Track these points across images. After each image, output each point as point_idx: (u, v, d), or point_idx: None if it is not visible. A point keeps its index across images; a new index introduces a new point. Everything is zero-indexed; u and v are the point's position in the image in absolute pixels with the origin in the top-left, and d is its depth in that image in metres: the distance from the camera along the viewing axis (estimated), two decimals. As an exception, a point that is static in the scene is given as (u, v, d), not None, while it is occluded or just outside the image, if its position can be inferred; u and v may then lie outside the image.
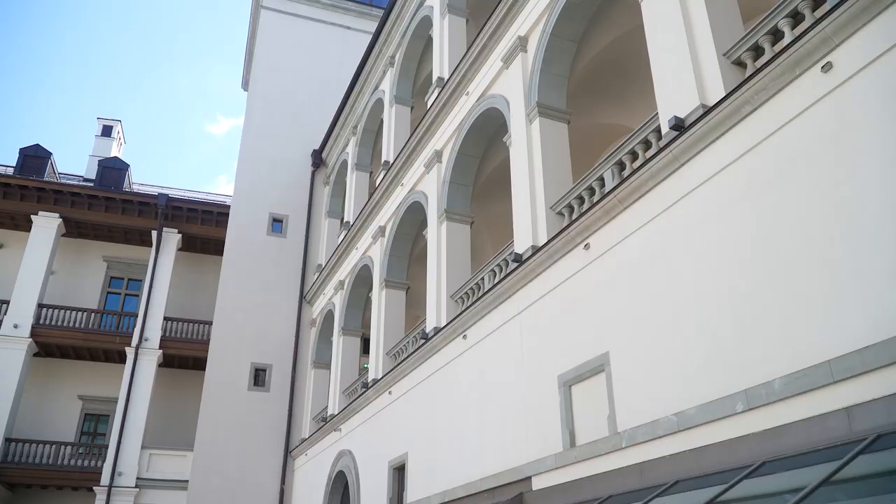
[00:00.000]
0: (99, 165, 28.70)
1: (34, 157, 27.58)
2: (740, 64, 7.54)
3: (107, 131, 33.32)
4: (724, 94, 7.24)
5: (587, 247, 9.03)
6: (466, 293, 12.94)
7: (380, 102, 20.47)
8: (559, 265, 9.61)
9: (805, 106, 6.21)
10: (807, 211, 6.01)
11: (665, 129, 8.04)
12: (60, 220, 25.65)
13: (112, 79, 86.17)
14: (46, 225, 25.41)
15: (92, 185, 27.85)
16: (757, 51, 7.37)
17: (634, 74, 13.17)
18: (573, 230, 9.23)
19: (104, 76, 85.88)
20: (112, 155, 32.72)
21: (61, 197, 25.88)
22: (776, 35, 7.17)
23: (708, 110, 7.23)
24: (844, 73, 5.90)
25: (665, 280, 7.57)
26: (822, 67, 6.08)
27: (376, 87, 20.81)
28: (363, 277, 19.47)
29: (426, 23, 17.73)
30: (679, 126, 7.66)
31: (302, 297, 24.31)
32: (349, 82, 23.07)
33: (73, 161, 72.98)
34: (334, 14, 28.62)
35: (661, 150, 7.82)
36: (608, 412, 8.09)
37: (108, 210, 26.34)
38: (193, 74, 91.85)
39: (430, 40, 17.67)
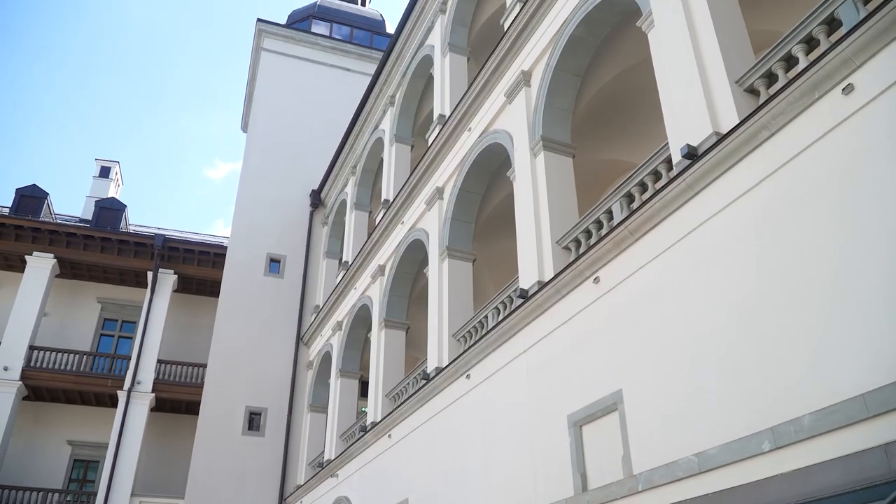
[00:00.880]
0: (96, 206, 28.55)
1: (30, 198, 27.40)
2: (753, 91, 7.37)
3: (105, 172, 33.25)
4: (737, 122, 7.05)
5: (597, 280, 8.73)
6: (469, 332, 12.59)
7: (380, 141, 20.40)
8: (567, 300, 9.30)
9: (826, 130, 6.00)
10: (832, 235, 5.74)
11: (677, 158, 7.83)
12: (55, 260, 25.34)
13: (111, 121, 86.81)
14: (41, 265, 25.07)
15: (88, 225, 27.61)
16: (770, 78, 7.20)
17: (638, 110, 13.08)
18: (582, 263, 8.95)
19: (103, 118, 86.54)
20: (109, 196, 32.57)
21: (56, 237, 25.62)
22: (789, 61, 7.02)
23: (722, 137, 7.03)
24: (867, 95, 5.70)
25: (680, 313, 7.26)
26: (843, 90, 5.89)
27: (376, 127, 20.77)
28: (362, 318, 19.11)
29: (427, 62, 17.75)
30: (692, 154, 7.45)
31: (299, 338, 23.87)
32: (349, 122, 23.07)
33: (71, 202, 73.10)
34: (334, 56, 28.83)
35: (673, 179, 7.60)
36: (622, 453, 7.69)
37: (104, 250, 26.07)
38: (192, 119, 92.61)
39: (430, 79, 17.67)
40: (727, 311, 6.67)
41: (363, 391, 20.23)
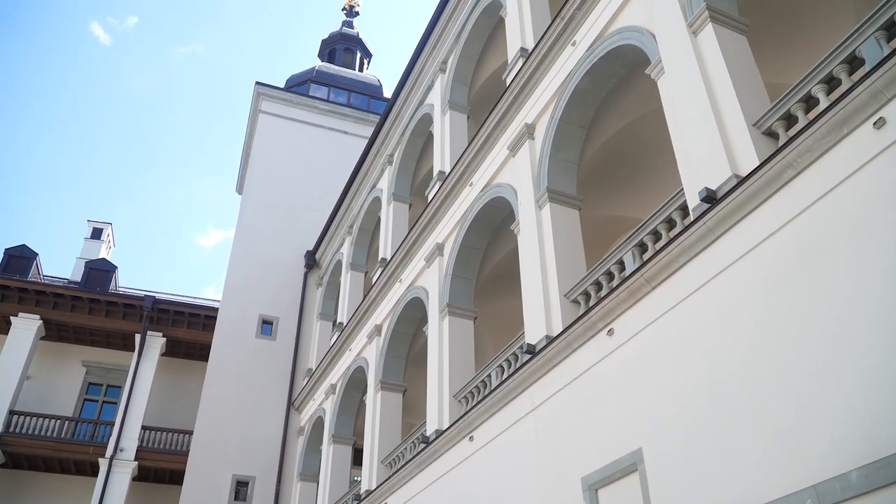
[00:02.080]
0: (85, 267, 28.04)
1: (19, 258, 26.88)
2: (772, 134, 7.14)
3: (97, 234, 32.87)
4: (757, 164, 6.79)
5: (611, 332, 8.30)
6: (471, 392, 12.03)
7: (377, 201, 20.20)
8: (579, 354, 8.84)
9: (857, 166, 5.72)
10: (872, 276, 5.38)
11: (694, 202, 7.54)
12: (41, 321, 24.68)
13: (105, 185, 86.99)
14: (26, 326, 24.38)
15: (77, 286, 27.06)
16: (789, 120, 6.99)
17: (642, 165, 12.94)
18: (594, 315, 8.54)
19: (97, 182, 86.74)
20: (101, 257, 32.07)
21: (44, 297, 25.04)
22: (809, 102, 6.82)
23: (743, 179, 6.76)
24: (901, 129, 5.45)
25: (705, 364, 6.82)
26: (875, 123, 5.65)
27: (374, 186, 20.61)
28: (357, 380, 18.46)
29: (426, 120, 17.71)
30: (711, 198, 7.17)
31: (290, 403, 23.06)
32: (345, 183, 22.93)
33: (62, 263, 72.45)
34: (331, 119, 28.97)
35: (691, 224, 7.29)
36: (644, 518, 7.10)
37: (92, 312, 25.45)
38: (186, 185, 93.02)
39: (429, 137, 17.60)
40: (757, 360, 6.23)
41: (356, 459, 19.41)
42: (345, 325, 19.80)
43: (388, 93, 31.35)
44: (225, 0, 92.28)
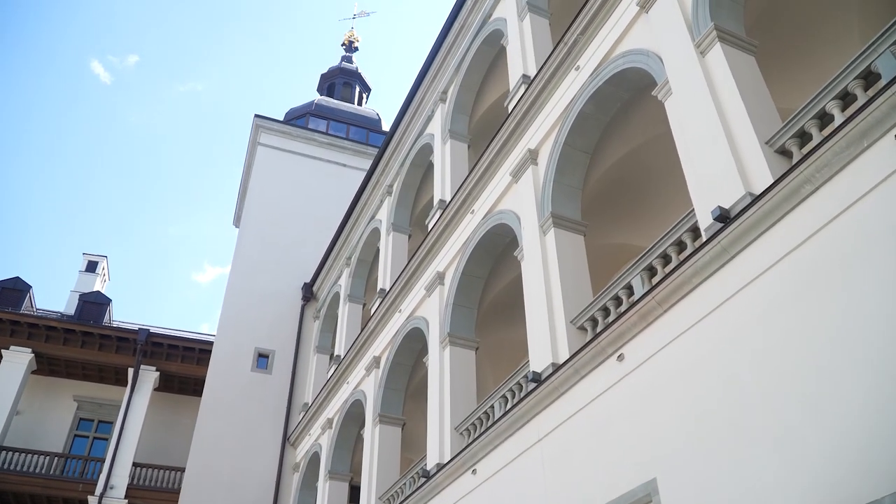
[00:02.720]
0: (79, 299, 27.67)
1: (12, 290, 26.53)
2: (785, 152, 6.98)
3: (91, 267, 32.53)
4: (771, 182, 6.61)
5: (621, 358, 8.03)
6: (474, 423, 11.67)
7: (376, 231, 20.00)
8: (588, 381, 8.54)
9: (880, 178, 5.54)
10: (901, 293, 5.15)
11: (706, 223, 7.34)
12: (32, 355, 24.23)
13: (101, 220, 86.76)
14: (17, 360, 23.92)
15: (70, 319, 26.66)
16: (802, 137, 6.84)
17: (645, 192, 12.79)
18: (603, 340, 8.27)
19: (93, 217, 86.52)
20: (95, 290, 31.70)
21: (36, 331, 24.63)
22: (823, 119, 6.67)
23: (758, 196, 6.57)
24: (925, 140, 5.28)
25: (721, 389, 6.54)
26: (897, 136, 5.47)
27: (373, 217, 20.44)
28: (354, 414, 18.04)
29: (426, 150, 17.61)
30: (724, 217, 6.97)
31: (285, 438, 22.53)
32: (343, 214, 22.76)
33: (56, 297, 71.85)
34: (330, 152, 28.93)
35: (705, 243, 7.08)
36: (660, 553, 6.75)
37: (85, 345, 25.01)
38: (183, 221, 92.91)
39: (430, 167, 17.49)
40: (780, 384, 5.96)
41: (353, 496, 18.85)
42: (342, 357, 19.44)
43: (386, 126, 31.41)
44: (225, 39, 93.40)
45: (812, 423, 5.57)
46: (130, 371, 24.60)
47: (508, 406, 10.47)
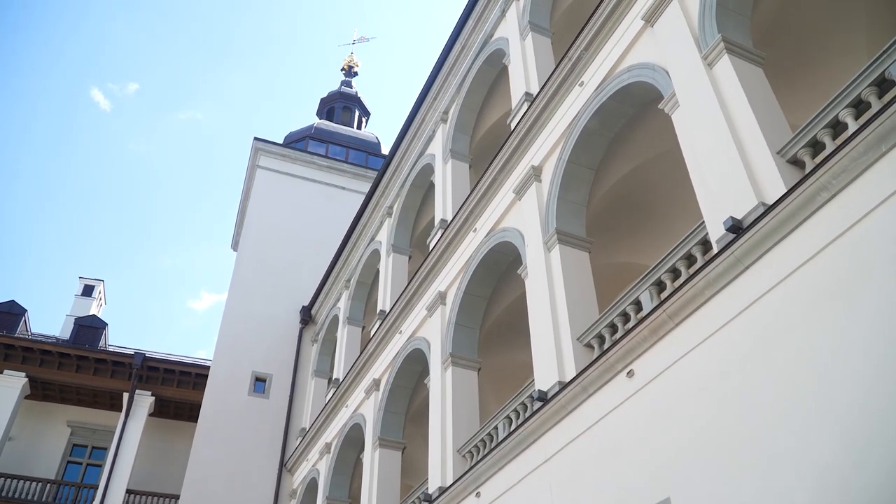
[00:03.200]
0: (75, 323, 27.38)
1: (7, 314, 26.24)
2: (797, 162, 6.85)
3: (88, 291, 32.26)
4: (785, 191, 6.47)
5: (631, 374, 7.81)
6: (477, 445, 11.39)
7: (376, 253, 19.84)
8: (596, 399, 8.31)
9: (900, 183, 5.39)
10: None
11: (717, 234, 7.18)
12: (26, 379, 23.91)
13: (98, 246, 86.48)
14: (10, 385, 23.62)
15: (65, 343, 26.34)
16: (815, 147, 6.71)
17: (649, 210, 12.66)
18: (612, 356, 8.06)
19: (91, 243, 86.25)
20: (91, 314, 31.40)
21: (30, 354, 24.35)
22: (836, 128, 6.55)
23: (772, 205, 6.41)
24: (947, 143, 5.15)
25: (738, 404, 6.31)
26: (918, 137, 5.34)
27: (372, 239, 20.29)
28: (353, 438, 17.71)
29: (427, 170, 17.52)
30: (737, 227, 6.81)
31: (282, 464, 22.11)
32: (343, 237, 22.62)
33: (52, 321, 71.10)
34: (329, 175, 28.86)
35: (717, 254, 6.90)
36: (676, 576, 6.47)
37: (80, 370, 24.73)
38: (181, 248, 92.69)
39: (430, 187, 17.38)
40: (802, 398, 5.72)
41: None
42: (341, 380, 19.15)
43: (385, 150, 31.41)
44: (225, 67, 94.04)
45: (836, 441, 5.35)
46: (125, 396, 24.26)
47: (513, 426, 10.22)
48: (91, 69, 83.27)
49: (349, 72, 39.47)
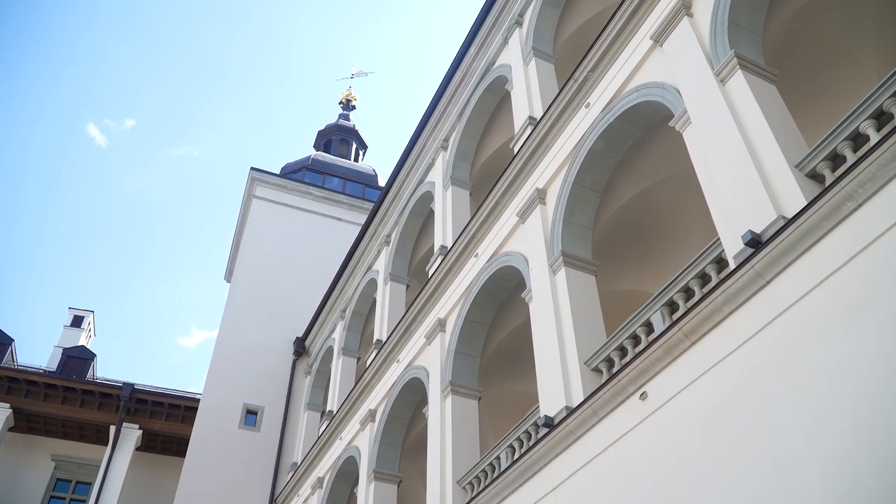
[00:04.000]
0: (63, 353, 26.89)
1: (-7, 344, 25.73)
2: (815, 176, 6.66)
3: (77, 321, 31.75)
4: (805, 204, 6.26)
5: (644, 396, 7.50)
6: (477, 476, 10.97)
7: (373, 282, 19.52)
8: (607, 423, 7.97)
9: (932, 191, 5.19)
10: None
11: (736, 248, 6.95)
12: (11, 410, 23.27)
13: (89, 279, 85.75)
14: (-7, 416, 22.97)
15: (51, 374, 25.76)
16: (835, 160, 6.53)
17: (656, 235, 12.46)
18: (624, 378, 7.75)
19: (82, 276, 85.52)
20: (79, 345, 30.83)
21: (16, 385, 23.76)
22: (857, 140, 6.38)
23: (793, 218, 6.20)
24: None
25: (764, 425, 5.98)
26: (950, 144, 5.15)
27: (370, 268, 19.99)
28: (346, 472, 17.16)
29: (426, 198, 17.33)
30: (756, 241, 6.58)
31: (272, 500, 21.45)
32: (338, 267, 22.32)
33: (40, 352, 70.20)
34: (325, 206, 28.70)
35: (735, 270, 6.66)
36: None
37: (66, 401, 24.12)
38: (172, 285, 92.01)
39: (430, 215, 17.17)
40: (825, 418, 5.43)
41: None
42: (335, 412, 18.65)
43: (382, 182, 31.34)
44: (222, 102, 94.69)
45: (865, 462, 5.04)
46: (112, 428, 23.62)
47: (517, 455, 9.83)
48: (87, 105, 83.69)
49: (347, 105, 39.64)
